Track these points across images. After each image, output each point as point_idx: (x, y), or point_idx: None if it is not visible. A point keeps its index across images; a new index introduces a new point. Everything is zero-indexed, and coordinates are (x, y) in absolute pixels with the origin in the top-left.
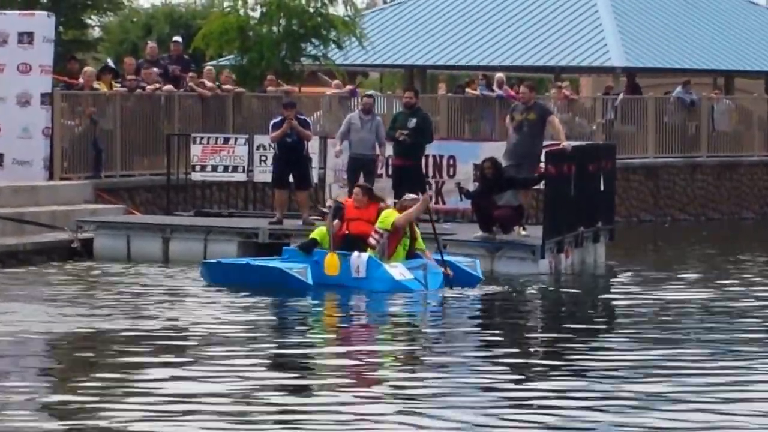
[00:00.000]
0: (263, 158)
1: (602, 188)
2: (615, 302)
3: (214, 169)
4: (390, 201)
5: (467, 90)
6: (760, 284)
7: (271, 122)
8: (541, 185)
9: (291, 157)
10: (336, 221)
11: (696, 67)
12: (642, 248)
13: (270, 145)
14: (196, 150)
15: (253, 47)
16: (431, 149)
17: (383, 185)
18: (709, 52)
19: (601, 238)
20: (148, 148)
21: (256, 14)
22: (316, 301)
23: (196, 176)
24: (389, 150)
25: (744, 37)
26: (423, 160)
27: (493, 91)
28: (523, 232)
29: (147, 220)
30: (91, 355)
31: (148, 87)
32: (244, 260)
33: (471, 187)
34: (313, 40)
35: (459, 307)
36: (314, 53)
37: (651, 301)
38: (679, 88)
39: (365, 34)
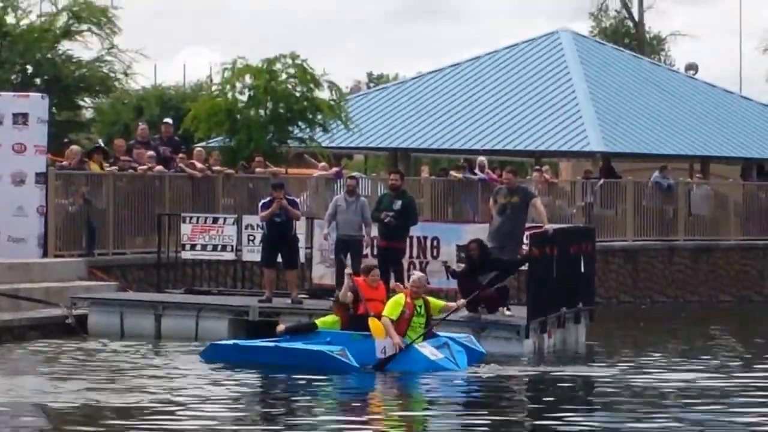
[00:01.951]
0: (251, 238)
1: (583, 270)
2: (598, 386)
3: (204, 248)
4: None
5: (452, 173)
6: (736, 367)
7: (261, 202)
8: (525, 266)
9: (280, 237)
10: (350, 294)
11: (672, 152)
12: (621, 329)
13: (258, 225)
14: (186, 229)
15: (242, 129)
16: (415, 230)
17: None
18: (685, 138)
19: (581, 319)
20: (140, 227)
21: (244, 98)
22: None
23: (186, 255)
24: (374, 230)
25: (720, 124)
26: (408, 241)
27: (475, 174)
28: (507, 312)
29: (140, 297)
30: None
31: (140, 167)
32: (266, 342)
33: (455, 267)
34: (300, 123)
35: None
36: (301, 136)
37: (631, 385)
38: (656, 173)
39: (350, 118)
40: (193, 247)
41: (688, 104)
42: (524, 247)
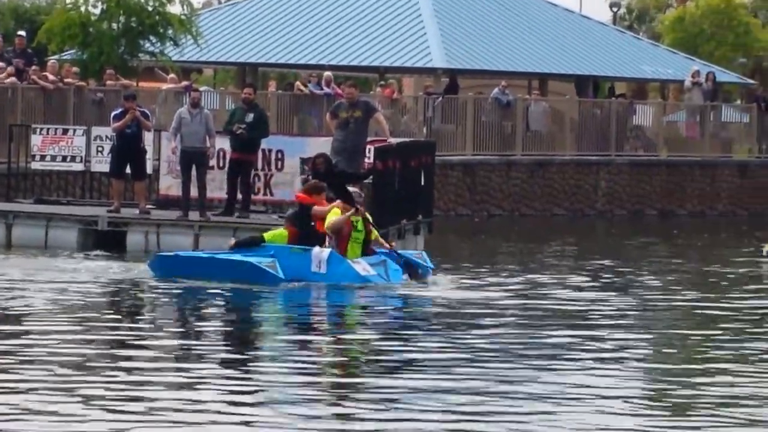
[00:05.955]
0: (100, 149)
1: (423, 183)
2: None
3: (53, 158)
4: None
5: (297, 86)
6: (565, 280)
7: (112, 114)
8: (370, 179)
9: (129, 148)
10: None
11: (512, 69)
12: (458, 241)
13: (107, 136)
14: (36, 140)
15: (94, 42)
16: (261, 143)
17: (214, 176)
18: (525, 56)
19: (421, 231)
20: None
21: (97, 11)
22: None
23: (35, 165)
24: (226, 144)
25: (558, 42)
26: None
27: (322, 89)
28: None
29: None
30: None
31: None
32: (204, 254)
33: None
34: (151, 37)
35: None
36: (152, 50)
37: (463, 296)
38: (496, 90)
39: (201, 33)
40: (42, 157)
41: (530, 22)
42: (366, 160)
